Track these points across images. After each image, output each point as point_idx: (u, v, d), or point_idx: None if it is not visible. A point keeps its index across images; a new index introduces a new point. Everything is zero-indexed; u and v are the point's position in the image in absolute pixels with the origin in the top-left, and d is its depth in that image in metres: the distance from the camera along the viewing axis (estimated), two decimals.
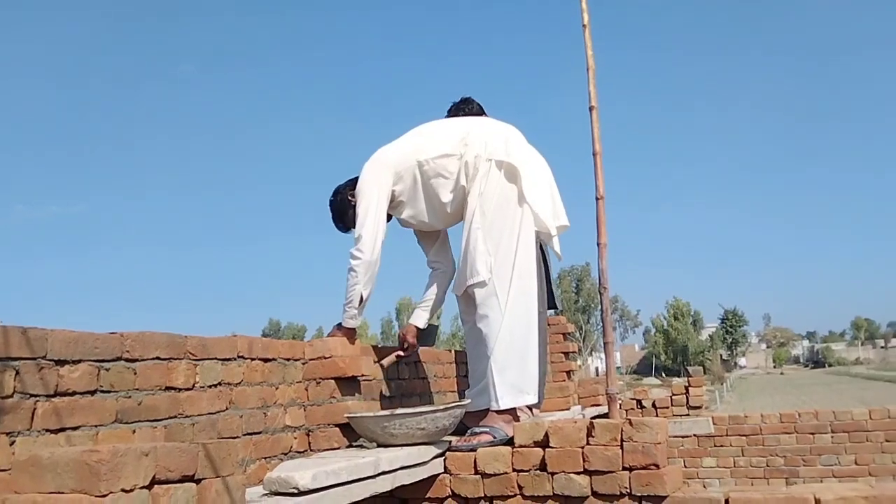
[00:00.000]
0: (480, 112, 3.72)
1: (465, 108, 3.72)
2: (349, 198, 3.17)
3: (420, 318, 3.37)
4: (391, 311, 79.26)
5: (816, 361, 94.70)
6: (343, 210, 3.23)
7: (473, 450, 2.76)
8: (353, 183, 3.18)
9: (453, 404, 2.73)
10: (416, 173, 3.08)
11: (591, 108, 3.21)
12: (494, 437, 2.80)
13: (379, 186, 3.05)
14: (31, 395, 1.75)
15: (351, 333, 2.97)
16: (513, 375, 2.88)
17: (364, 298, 3.00)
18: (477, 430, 2.87)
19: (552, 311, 3.97)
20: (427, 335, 3.44)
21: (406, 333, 3.36)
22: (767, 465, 6.24)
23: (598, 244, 3.10)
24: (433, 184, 3.08)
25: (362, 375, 2.88)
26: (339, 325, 3.01)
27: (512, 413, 2.89)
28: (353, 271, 2.97)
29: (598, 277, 3.13)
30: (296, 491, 2.00)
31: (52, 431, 1.78)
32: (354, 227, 3.06)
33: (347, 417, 2.71)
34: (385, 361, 3.33)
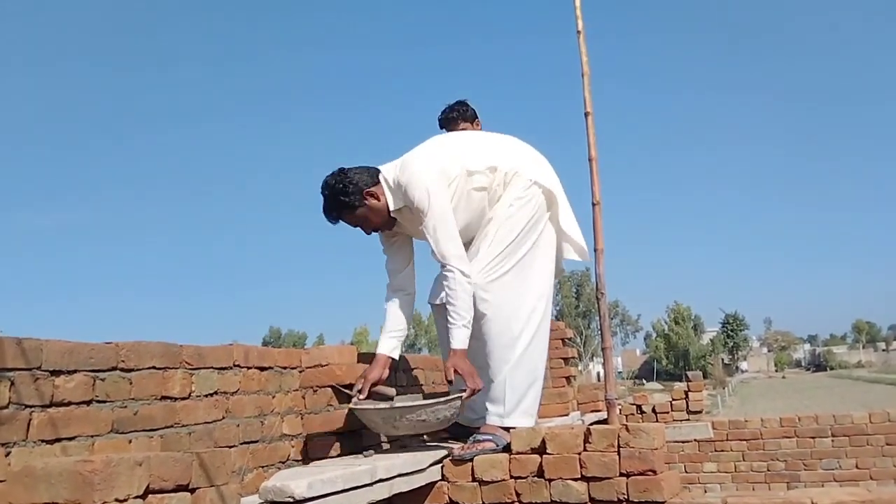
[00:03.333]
0: (474, 116, 3.74)
1: (459, 109, 3.73)
2: (366, 196, 2.85)
3: (395, 349, 2.94)
4: None
5: (818, 365, 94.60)
6: (354, 205, 2.85)
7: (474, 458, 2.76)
8: (367, 174, 2.88)
9: (454, 396, 2.72)
10: (462, 182, 2.92)
11: (586, 114, 3.22)
12: (497, 445, 2.80)
13: (447, 202, 2.83)
14: (27, 406, 1.75)
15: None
16: (524, 396, 2.93)
17: None
18: (480, 437, 2.86)
19: None
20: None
21: (374, 367, 2.84)
22: (768, 470, 6.23)
23: (595, 250, 3.10)
24: (476, 195, 2.96)
25: None
26: (455, 350, 2.73)
27: (513, 429, 2.90)
28: (463, 292, 2.75)
29: (596, 283, 3.14)
30: (291, 500, 2.00)
31: (47, 442, 1.78)
32: (436, 246, 2.80)
33: (351, 408, 2.71)
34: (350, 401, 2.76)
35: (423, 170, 2.84)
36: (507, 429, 2.87)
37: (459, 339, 2.74)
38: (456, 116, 3.71)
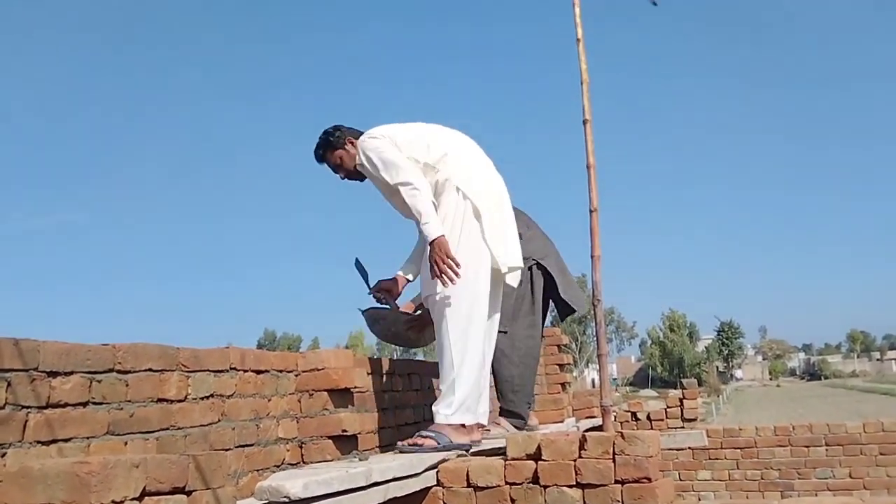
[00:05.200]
0: None
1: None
2: (348, 142, 3.31)
3: (409, 273, 3.52)
4: None
5: (812, 374, 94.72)
6: (336, 146, 3.33)
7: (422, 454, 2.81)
8: (355, 132, 3.34)
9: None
10: None
11: (584, 122, 3.23)
12: (438, 444, 2.87)
13: (387, 145, 3.19)
14: (23, 407, 1.75)
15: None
16: (461, 393, 2.97)
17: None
18: (424, 433, 2.94)
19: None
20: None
21: (395, 285, 3.50)
22: (762, 479, 6.24)
23: (592, 256, 3.11)
24: None
25: (355, 387, 2.88)
26: (435, 239, 2.98)
27: (460, 427, 2.97)
28: (417, 190, 3.03)
29: (592, 290, 3.15)
30: (287, 500, 2.00)
31: (43, 443, 1.78)
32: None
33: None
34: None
35: (376, 139, 3.23)
36: (455, 427, 2.95)
37: (433, 230, 2.99)
38: None
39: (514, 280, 3.35)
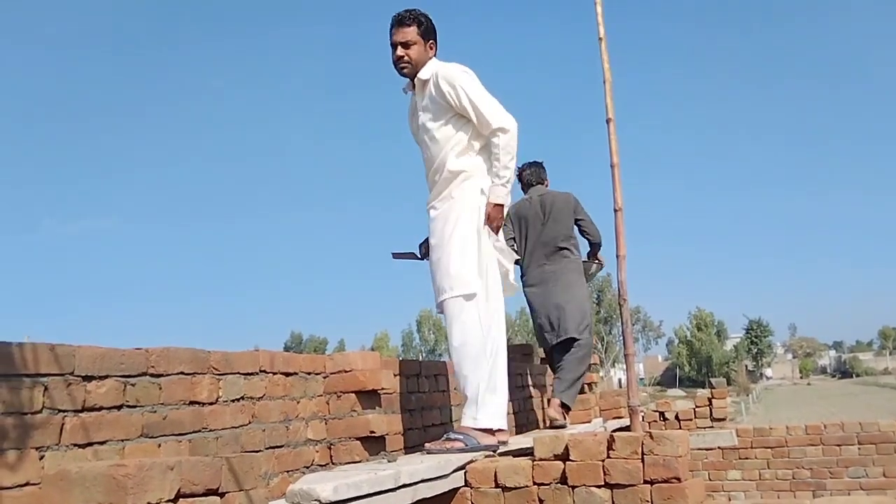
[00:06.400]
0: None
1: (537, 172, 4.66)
2: (431, 43, 3.16)
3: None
4: (412, 323, 79.43)
5: (844, 372, 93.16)
6: (423, 31, 3.13)
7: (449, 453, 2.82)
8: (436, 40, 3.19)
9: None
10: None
11: (608, 121, 3.23)
12: (466, 445, 2.88)
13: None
14: (60, 411, 1.79)
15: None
16: (489, 398, 2.95)
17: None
18: (452, 436, 2.95)
19: None
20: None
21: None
22: (793, 478, 6.16)
23: (618, 256, 3.11)
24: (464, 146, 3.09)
25: (382, 389, 2.90)
26: (502, 203, 3.04)
27: (487, 430, 2.96)
28: (510, 146, 3.01)
29: (618, 289, 3.14)
30: (317, 503, 2.02)
31: (79, 446, 1.83)
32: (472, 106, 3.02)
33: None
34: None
35: (468, 69, 3.10)
36: (482, 430, 2.93)
37: (504, 195, 3.06)
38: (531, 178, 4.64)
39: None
